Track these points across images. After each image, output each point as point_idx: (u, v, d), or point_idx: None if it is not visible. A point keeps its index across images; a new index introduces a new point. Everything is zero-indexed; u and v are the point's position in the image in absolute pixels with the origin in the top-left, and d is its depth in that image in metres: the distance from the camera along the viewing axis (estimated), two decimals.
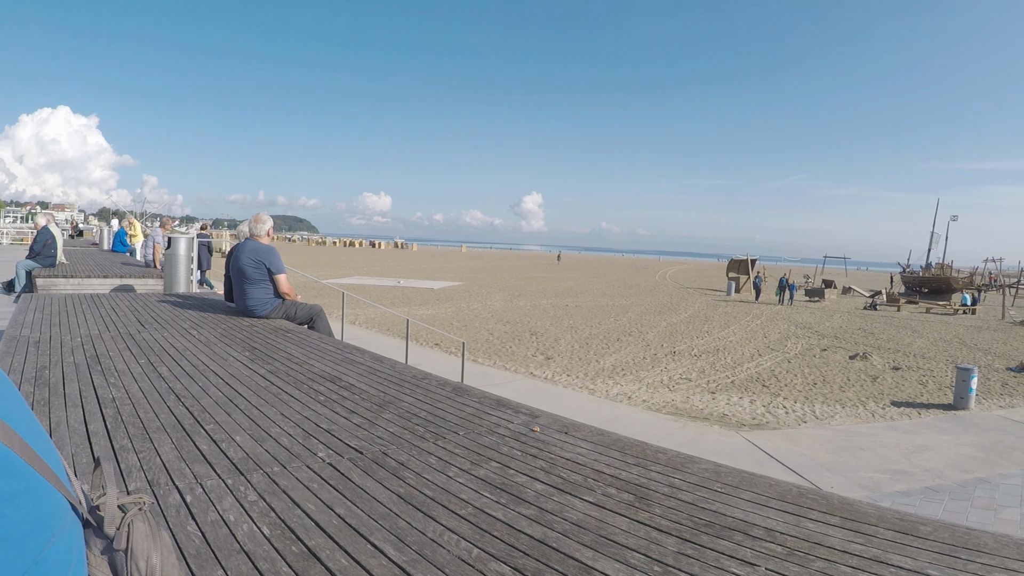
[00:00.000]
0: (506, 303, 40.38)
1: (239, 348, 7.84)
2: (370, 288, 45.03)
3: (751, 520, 3.42)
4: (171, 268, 15.55)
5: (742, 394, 18.43)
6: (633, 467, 4.24)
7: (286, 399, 5.70)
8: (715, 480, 4.03)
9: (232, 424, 4.93)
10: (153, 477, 3.85)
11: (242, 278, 10.07)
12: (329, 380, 6.43)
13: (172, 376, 6.40)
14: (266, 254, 10.01)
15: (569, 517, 3.43)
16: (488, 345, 23.99)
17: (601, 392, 17.90)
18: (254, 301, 10.12)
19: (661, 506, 3.60)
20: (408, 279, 54.80)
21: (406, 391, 6.10)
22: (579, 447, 4.62)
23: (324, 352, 7.85)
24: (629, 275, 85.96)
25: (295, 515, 3.39)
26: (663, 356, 23.69)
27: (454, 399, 5.87)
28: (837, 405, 17.58)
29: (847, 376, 21.32)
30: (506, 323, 30.30)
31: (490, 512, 3.48)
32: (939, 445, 14.10)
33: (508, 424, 5.14)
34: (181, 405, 5.40)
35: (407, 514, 3.43)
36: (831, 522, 3.42)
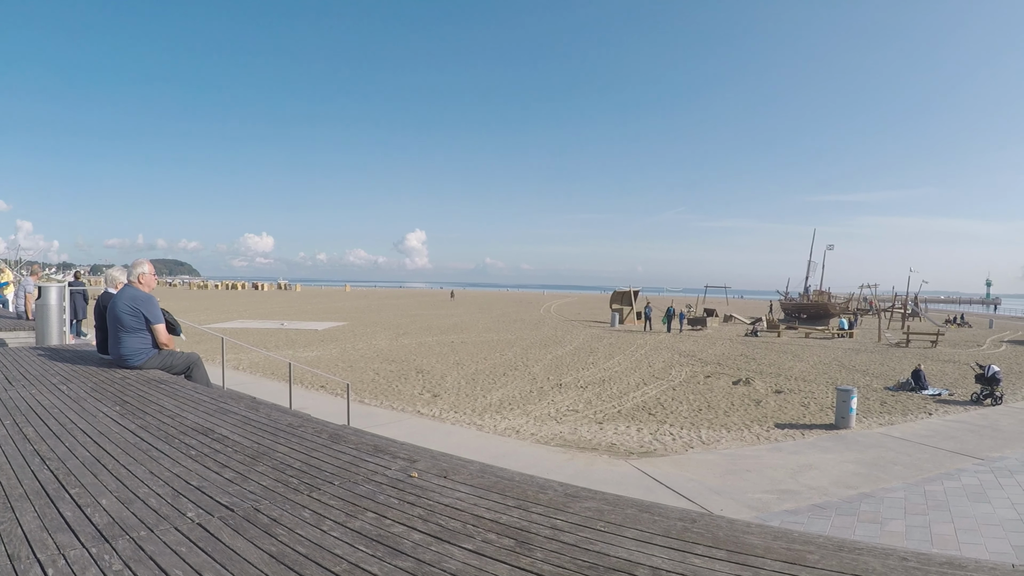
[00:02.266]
0: (391, 341, 40.26)
1: (110, 402, 7.58)
2: (253, 331, 44.50)
3: (636, 559, 3.39)
4: (42, 319, 15.08)
5: (629, 423, 18.64)
6: (514, 510, 4.20)
7: (156, 455, 5.51)
8: (598, 519, 4.00)
9: (98, 486, 4.74)
10: (14, 551, 3.67)
11: (118, 326, 9.76)
12: (202, 432, 6.25)
13: (38, 437, 6.15)
14: (144, 302, 9.74)
15: (447, 567, 3.36)
16: (374, 385, 23.86)
17: (489, 427, 17.91)
18: (129, 351, 9.81)
19: (543, 550, 3.56)
20: (292, 321, 54.21)
21: (281, 440, 5.97)
22: (458, 491, 4.57)
23: (198, 403, 7.63)
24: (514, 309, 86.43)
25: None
26: (550, 389, 23.84)
27: (331, 447, 5.76)
28: (723, 429, 17.92)
29: (731, 401, 21.77)
30: (392, 362, 30.18)
31: (365, 567, 3.39)
32: (823, 464, 14.47)
33: (385, 471, 5.05)
34: (46, 468, 5.19)
35: (279, 575, 3.32)
36: (717, 556, 3.41)
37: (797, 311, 75.00)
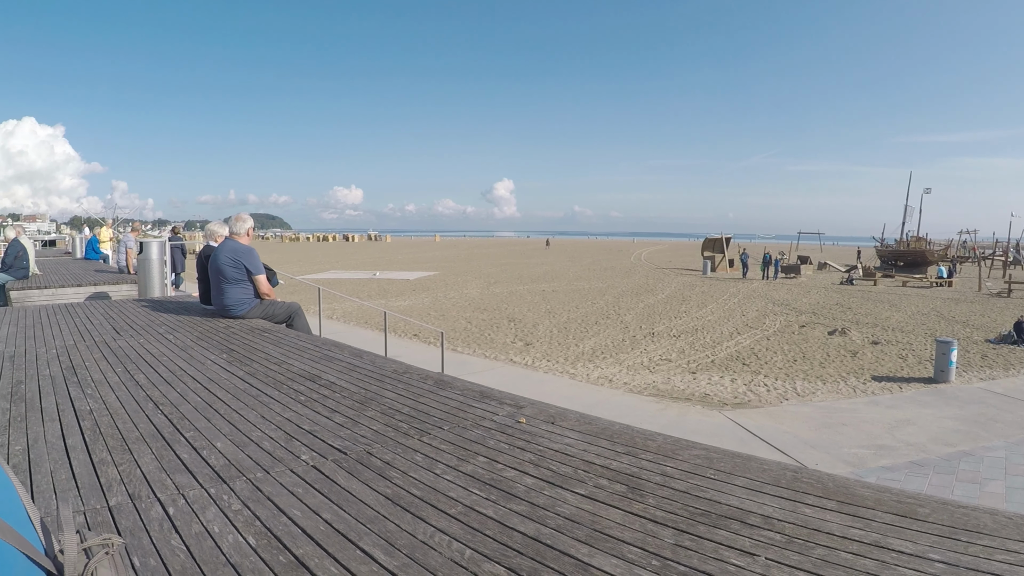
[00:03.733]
0: (483, 290, 40.30)
1: (217, 351, 7.76)
2: (346, 282, 44.89)
3: (747, 507, 3.36)
4: (144, 272, 15.43)
5: (723, 373, 18.41)
6: (623, 456, 4.18)
7: (266, 401, 5.63)
8: (707, 467, 3.96)
9: (212, 430, 4.85)
10: (134, 490, 3.77)
11: (220, 278, 9.99)
12: (309, 379, 6.36)
13: (150, 383, 6.31)
14: (245, 254, 9.94)
15: (562, 512, 3.37)
16: (467, 333, 23.92)
17: (582, 376, 17.86)
18: (232, 301, 10.04)
19: (655, 496, 3.54)
20: (384, 271, 54.58)
21: (387, 387, 6.04)
22: (567, 437, 4.56)
23: (303, 350, 7.78)
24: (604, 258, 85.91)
25: (281, 523, 3.32)
26: (642, 338, 23.66)
27: (437, 393, 5.81)
28: (818, 381, 17.56)
29: (827, 352, 21.33)
30: (483, 311, 30.23)
31: (480, 510, 3.41)
32: (921, 419, 14.11)
33: (493, 416, 5.07)
34: (160, 413, 5.32)
35: (396, 516, 3.36)
36: (828, 507, 3.36)
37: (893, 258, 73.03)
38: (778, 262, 52.95)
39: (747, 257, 54.69)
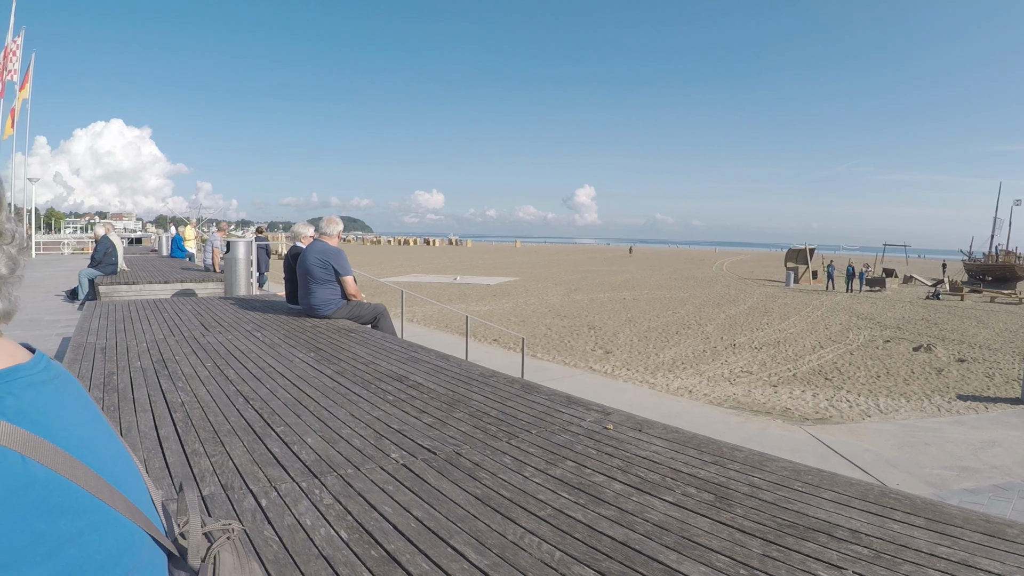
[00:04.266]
0: (563, 297, 40.30)
1: (304, 349, 7.87)
2: (427, 285, 45.19)
3: (834, 521, 3.33)
4: (231, 271, 15.70)
5: (804, 387, 18.16)
6: (711, 465, 4.16)
7: (355, 399, 5.70)
8: (795, 479, 3.92)
9: (302, 426, 4.93)
10: (227, 481, 3.84)
11: (308, 278, 10.15)
12: (396, 379, 6.42)
13: (239, 379, 6.42)
14: (334, 255, 10.08)
15: (650, 518, 3.37)
16: (547, 340, 23.93)
17: (662, 386, 17.76)
18: (319, 301, 10.18)
19: (742, 506, 3.52)
20: (464, 275, 54.89)
21: (474, 389, 6.07)
22: (654, 445, 4.55)
23: (389, 351, 7.85)
24: (685, 267, 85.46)
25: (372, 518, 3.36)
26: (723, 349, 23.48)
27: (524, 397, 5.82)
28: (902, 399, 17.21)
29: (911, 368, 20.93)
30: (564, 317, 30.23)
31: (569, 513, 3.43)
32: (1008, 441, 13.77)
33: (580, 422, 5.07)
34: (250, 408, 5.41)
35: (486, 516, 3.39)
36: (916, 523, 3.30)
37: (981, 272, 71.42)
38: (863, 275, 52.17)
39: (833, 269, 53.87)
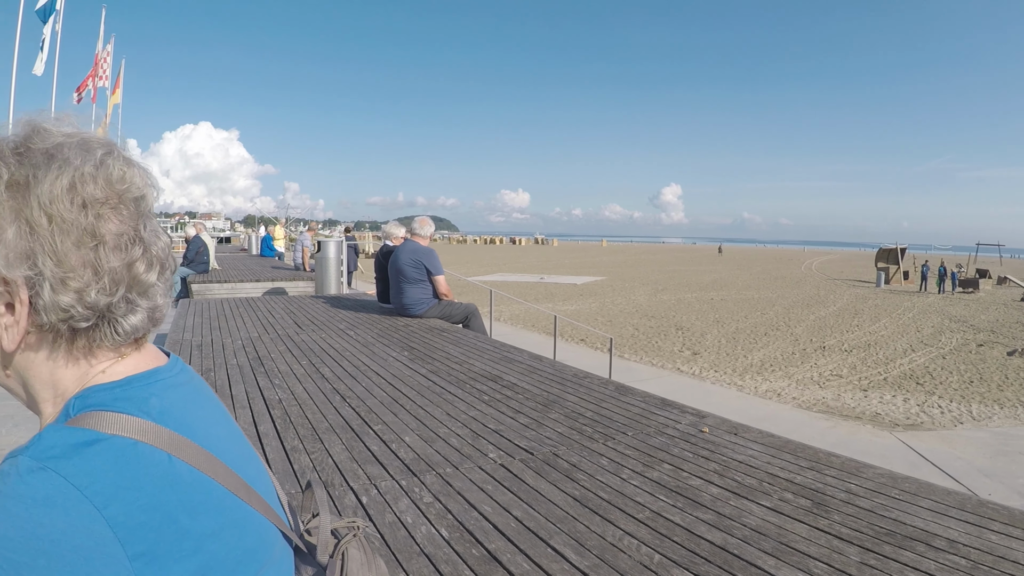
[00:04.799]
0: (650, 297, 40.06)
1: (398, 348, 7.95)
2: (513, 284, 45.24)
3: (932, 530, 3.29)
4: (322, 270, 15.92)
5: (895, 392, 17.79)
6: (807, 471, 4.12)
7: (450, 399, 5.77)
8: (892, 486, 3.88)
9: (400, 424, 4.99)
10: (327, 478, 3.92)
11: (400, 278, 10.28)
12: (491, 379, 6.48)
13: (335, 376, 6.52)
14: (426, 255, 10.22)
15: (747, 523, 3.36)
16: (634, 340, 23.83)
17: (750, 388, 17.57)
18: (411, 300, 10.31)
19: (839, 513, 3.50)
20: (551, 275, 54.88)
21: (569, 390, 6.09)
22: (750, 449, 4.52)
23: (482, 351, 7.92)
24: (773, 266, 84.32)
25: (472, 517, 3.40)
26: (812, 351, 23.15)
27: (618, 398, 5.83)
28: (995, 405, 16.75)
29: (1005, 374, 20.36)
30: (651, 318, 30.06)
31: (667, 516, 3.44)
32: None
33: (676, 424, 5.06)
34: (347, 406, 5.50)
35: (584, 517, 3.42)
36: (1014, 535, 3.25)
37: None
38: (955, 275, 50.98)
39: (928, 269, 52.60)
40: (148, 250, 1.08)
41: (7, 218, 1.01)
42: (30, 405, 1.15)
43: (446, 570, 2.87)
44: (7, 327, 1.05)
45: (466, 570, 2.89)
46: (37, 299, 1.02)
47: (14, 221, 1.01)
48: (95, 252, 1.01)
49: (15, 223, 1.01)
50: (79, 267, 1.01)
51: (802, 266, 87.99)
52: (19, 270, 1.00)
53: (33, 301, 1.02)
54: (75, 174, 1.02)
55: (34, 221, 1.00)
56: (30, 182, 1.01)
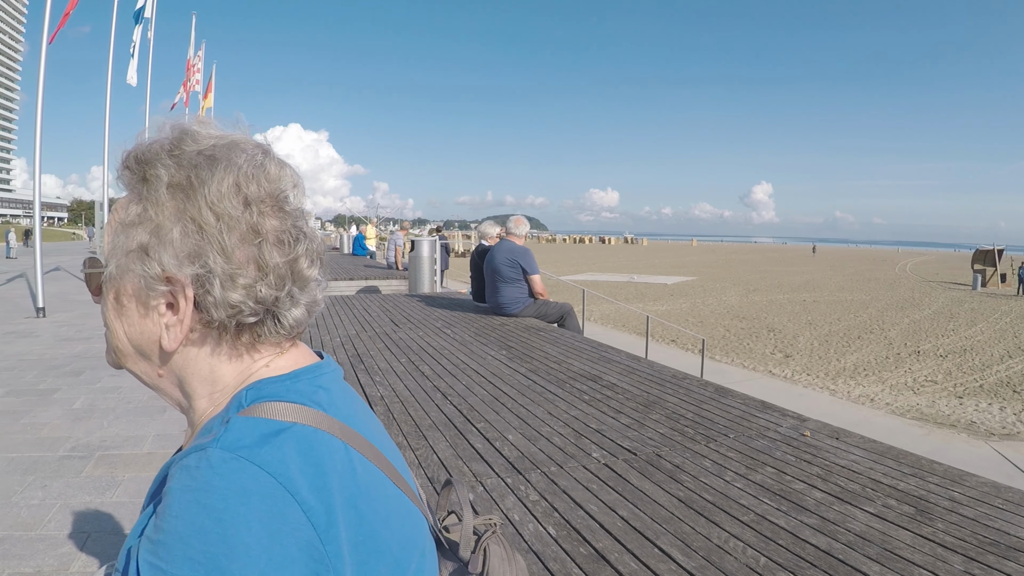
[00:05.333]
0: (741, 298, 39.66)
1: (495, 347, 8.04)
2: (603, 284, 45.09)
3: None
4: (415, 269, 16.09)
5: (991, 399, 17.33)
6: (910, 477, 4.09)
7: (551, 398, 5.82)
8: (995, 495, 3.83)
9: (502, 423, 5.06)
10: (433, 475, 4.00)
11: (496, 277, 10.38)
12: (590, 379, 6.51)
13: (435, 374, 6.61)
14: (521, 254, 10.28)
15: (852, 528, 3.36)
16: (725, 342, 23.64)
17: (842, 393, 17.30)
18: (507, 299, 10.40)
19: (943, 521, 3.47)
20: (641, 274, 54.61)
21: (668, 391, 6.10)
22: (852, 454, 4.49)
23: (580, 351, 7.95)
24: (867, 267, 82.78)
25: (578, 516, 3.46)
26: (906, 356, 22.71)
27: (719, 400, 5.83)
28: None
29: None
30: (742, 319, 29.78)
31: (772, 520, 3.45)
32: None
33: (777, 428, 5.05)
34: (449, 403, 5.58)
35: (690, 519, 3.44)
36: None
37: None
38: None
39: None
40: (309, 246, 1.13)
41: (171, 219, 1.05)
42: (179, 403, 1.21)
43: (555, 567, 2.92)
44: (169, 326, 1.08)
45: (574, 568, 2.94)
46: (206, 297, 1.05)
47: (178, 221, 1.05)
48: (259, 249, 1.06)
49: (179, 223, 1.04)
50: (245, 263, 1.05)
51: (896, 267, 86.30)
52: (189, 268, 1.03)
53: (200, 299, 1.05)
54: (238, 174, 1.06)
55: (202, 220, 1.04)
56: (193, 183, 1.05)
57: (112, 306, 1.15)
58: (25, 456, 6.61)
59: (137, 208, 1.08)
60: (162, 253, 1.04)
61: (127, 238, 1.08)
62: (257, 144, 1.15)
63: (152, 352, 1.14)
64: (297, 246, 1.10)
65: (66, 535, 4.97)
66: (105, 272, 1.12)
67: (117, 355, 1.19)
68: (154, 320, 1.10)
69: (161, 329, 1.09)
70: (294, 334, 1.16)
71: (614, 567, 2.94)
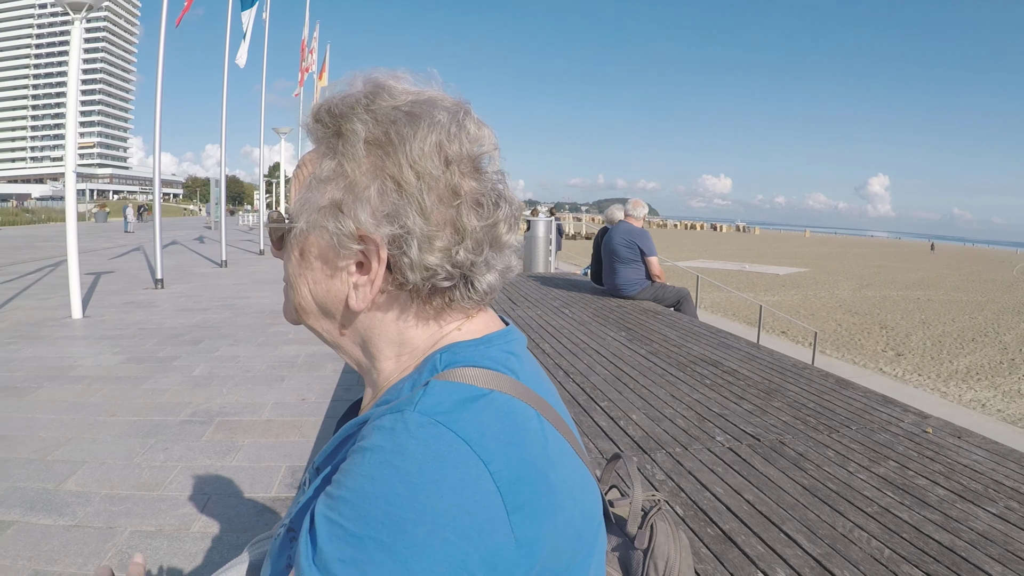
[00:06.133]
0: (854, 292, 38.78)
1: (614, 328, 8.15)
2: (713, 271, 44.45)
3: None
4: (530, 249, 16.20)
5: None
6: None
7: (672, 380, 5.92)
8: None
9: (625, 402, 5.17)
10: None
11: (614, 258, 10.48)
12: (710, 364, 6.58)
13: (555, 352, 6.74)
14: (639, 236, 10.33)
15: (974, 527, 3.38)
16: (836, 336, 23.24)
17: (953, 396, 16.87)
18: (624, 281, 10.50)
19: None
20: (752, 264, 53.79)
21: (789, 380, 6.14)
22: (975, 454, 4.48)
23: (698, 335, 8.01)
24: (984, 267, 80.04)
25: (705, 497, 3.56)
26: (1021, 362, 22.13)
27: (839, 392, 5.84)
28: None
29: None
30: (854, 314, 29.18)
31: (895, 513, 3.49)
32: None
33: (899, 423, 5.05)
34: (571, 381, 5.71)
35: (814, 506, 3.51)
36: None
37: None
38: None
39: None
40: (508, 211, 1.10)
41: (367, 175, 1.03)
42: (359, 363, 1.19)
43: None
44: (358, 286, 1.07)
45: (702, 548, 3.03)
46: (401, 258, 1.03)
47: (375, 178, 1.02)
48: (457, 211, 1.03)
49: (376, 180, 1.02)
50: (443, 225, 1.02)
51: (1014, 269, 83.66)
52: (387, 228, 1.01)
53: (395, 260, 1.03)
54: (440, 132, 1.03)
55: (402, 178, 1.01)
56: (393, 140, 1.03)
57: (297, 263, 1.15)
58: (146, 420, 6.86)
59: (331, 163, 1.07)
60: (358, 211, 1.02)
61: (319, 193, 1.07)
62: (456, 102, 1.12)
63: (336, 311, 1.14)
64: (497, 211, 1.07)
65: (187, 496, 5.20)
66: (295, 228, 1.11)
67: (298, 312, 1.19)
68: (342, 279, 1.09)
69: (349, 288, 1.08)
70: (486, 300, 1.13)
71: (741, 549, 3.04)
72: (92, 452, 6.07)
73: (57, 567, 4.23)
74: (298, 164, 1.18)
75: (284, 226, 1.14)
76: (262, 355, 9.91)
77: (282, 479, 5.57)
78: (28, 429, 6.63)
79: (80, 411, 7.16)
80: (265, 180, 38.33)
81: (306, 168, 1.13)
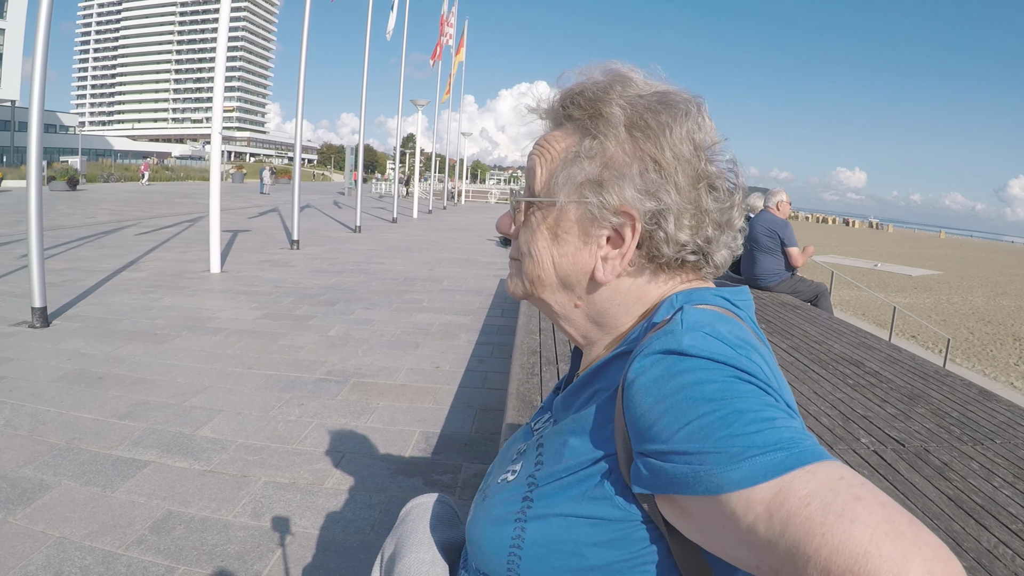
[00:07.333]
0: (988, 300, 37.56)
1: None
2: (844, 268, 43.53)
3: None
4: None
5: None
6: None
7: (815, 378, 5.92)
8: None
9: None
10: None
11: (754, 246, 10.45)
12: (852, 363, 6.53)
13: None
14: (780, 226, 10.34)
15: None
16: (967, 345, 22.64)
17: None
18: (763, 271, 10.49)
19: None
20: (885, 263, 52.61)
21: (932, 386, 6.05)
22: None
23: (839, 333, 7.93)
24: None
25: None
26: None
27: (983, 403, 5.74)
28: None
29: None
30: (987, 323, 28.33)
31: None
32: None
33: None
34: None
35: (959, 519, 3.50)
36: None
37: None
38: None
39: None
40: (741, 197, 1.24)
41: (629, 155, 1.14)
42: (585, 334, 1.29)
43: None
44: (608, 258, 1.17)
45: None
46: (656, 232, 1.14)
47: (636, 159, 1.14)
48: (701, 193, 1.15)
49: (637, 160, 1.13)
50: (691, 204, 1.14)
51: None
52: (649, 203, 1.12)
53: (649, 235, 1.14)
54: (690, 121, 1.16)
55: (663, 159, 1.13)
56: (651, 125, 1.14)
57: (544, 235, 1.23)
58: (282, 375, 7.14)
59: (591, 142, 1.17)
60: (623, 186, 1.13)
61: (579, 169, 1.17)
62: (691, 96, 1.22)
63: (579, 283, 1.22)
64: (733, 196, 1.21)
65: (322, 452, 5.42)
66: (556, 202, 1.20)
67: (533, 284, 1.27)
68: (591, 252, 1.19)
69: (596, 261, 1.18)
70: (718, 274, 1.27)
71: None
72: (228, 401, 6.36)
73: (191, 509, 4.45)
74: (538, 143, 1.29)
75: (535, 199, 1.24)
76: (396, 321, 10.19)
77: (416, 443, 5.76)
78: (167, 375, 6.97)
79: (217, 361, 7.49)
80: (399, 151, 39.01)
81: (555, 146, 1.24)
